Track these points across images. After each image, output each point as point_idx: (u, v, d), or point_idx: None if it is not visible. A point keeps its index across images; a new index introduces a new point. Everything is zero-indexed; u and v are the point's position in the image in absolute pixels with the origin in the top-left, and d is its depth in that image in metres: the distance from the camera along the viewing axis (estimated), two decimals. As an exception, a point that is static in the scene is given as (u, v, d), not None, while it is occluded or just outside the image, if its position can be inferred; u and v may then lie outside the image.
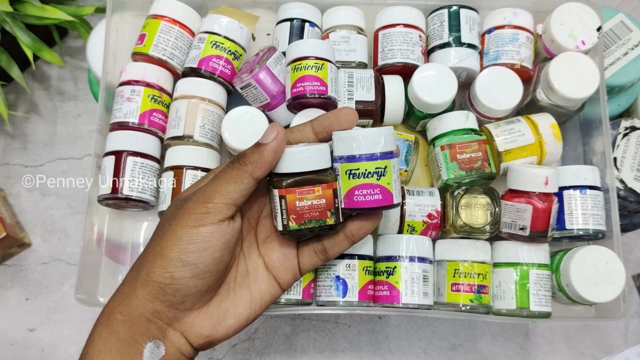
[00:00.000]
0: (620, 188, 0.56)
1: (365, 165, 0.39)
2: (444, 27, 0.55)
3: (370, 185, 0.40)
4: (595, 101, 0.55)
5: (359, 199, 0.40)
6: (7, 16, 0.61)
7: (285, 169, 0.38)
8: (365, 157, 0.39)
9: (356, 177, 0.40)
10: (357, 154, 0.39)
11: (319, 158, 0.39)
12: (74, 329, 0.65)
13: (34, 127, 0.72)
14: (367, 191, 0.40)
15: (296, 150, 0.38)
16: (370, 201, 0.40)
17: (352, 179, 0.40)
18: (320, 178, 0.39)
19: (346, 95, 0.51)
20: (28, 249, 0.68)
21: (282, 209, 0.39)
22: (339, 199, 0.40)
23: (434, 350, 0.64)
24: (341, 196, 0.40)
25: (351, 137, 0.39)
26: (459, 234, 0.50)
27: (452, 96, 0.51)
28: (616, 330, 0.64)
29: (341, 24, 0.55)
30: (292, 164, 0.38)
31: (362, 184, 0.40)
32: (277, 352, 0.64)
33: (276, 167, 0.39)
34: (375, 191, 0.40)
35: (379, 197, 0.40)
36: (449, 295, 0.49)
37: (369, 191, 0.40)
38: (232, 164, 0.39)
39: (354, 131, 0.40)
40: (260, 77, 0.50)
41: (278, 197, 0.39)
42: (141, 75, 0.53)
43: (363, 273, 0.49)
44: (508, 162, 0.52)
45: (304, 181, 0.39)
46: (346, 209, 0.40)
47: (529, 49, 0.55)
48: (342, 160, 0.40)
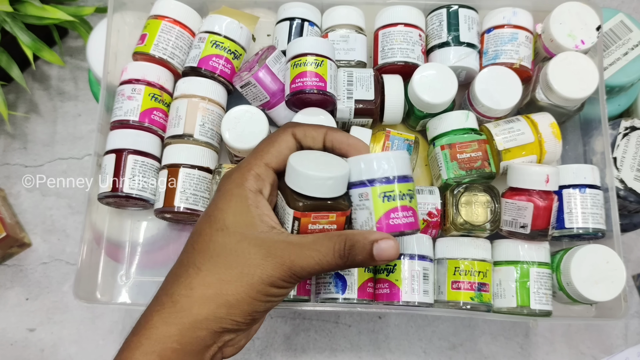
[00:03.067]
0: (620, 188, 0.56)
1: (399, 187, 0.38)
2: (442, 27, 0.55)
3: (405, 208, 0.39)
4: (595, 101, 0.55)
5: (395, 222, 0.38)
6: (7, 16, 0.62)
7: (306, 191, 0.37)
8: (398, 179, 0.38)
9: (391, 200, 0.38)
10: (391, 175, 0.38)
11: (341, 186, 0.38)
12: (74, 329, 0.65)
13: (34, 127, 0.72)
14: (403, 214, 0.39)
15: (320, 176, 0.37)
16: (405, 224, 0.39)
17: (387, 201, 0.38)
18: (337, 205, 0.38)
19: (345, 94, 0.51)
20: (28, 249, 0.68)
21: (293, 227, 0.38)
22: (348, 225, 0.39)
23: (434, 350, 0.63)
24: (372, 221, 0.39)
25: (386, 158, 0.38)
26: (459, 232, 0.50)
27: (452, 96, 0.51)
28: (616, 330, 0.64)
29: (340, 23, 0.55)
30: (315, 189, 0.37)
31: (398, 207, 0.38)
32: (277, 352, 0.64)
33: (295, 184, 0.37)
34: (409, 213, 0.39)
35: (412, 219, 0.39)
36: (450, 293, 0.49)
37: (403, 214, 0.39)
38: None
39: (385, 153, 0.39)
40: (259, 76, 0.50)
41: (292, 217, 0.38)
42: (142, 74, 0.53)
43: (362, 270, 0.49)
44: (508, 161, 0.52)
45: (320, 206, 0.38)
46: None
47: (528, 49, 0.55)
48: (375, 183, 0.38)
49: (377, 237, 0.36)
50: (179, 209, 0.50)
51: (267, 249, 0.35)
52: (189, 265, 0.36)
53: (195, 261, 0.36)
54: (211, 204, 0.38)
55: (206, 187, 0.52)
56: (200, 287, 0.35)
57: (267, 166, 0.38)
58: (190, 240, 0.38)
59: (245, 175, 0.38)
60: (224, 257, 0.36)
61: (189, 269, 0.36)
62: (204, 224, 0.37)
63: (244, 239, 0.36)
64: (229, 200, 0.37)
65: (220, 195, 0.38)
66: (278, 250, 0.35)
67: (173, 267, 0.38)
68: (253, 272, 0.35)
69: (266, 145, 0.39)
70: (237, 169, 0.39)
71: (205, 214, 0.38)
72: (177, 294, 0.35)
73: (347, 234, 0.36)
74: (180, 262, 0.37)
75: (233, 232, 0.36)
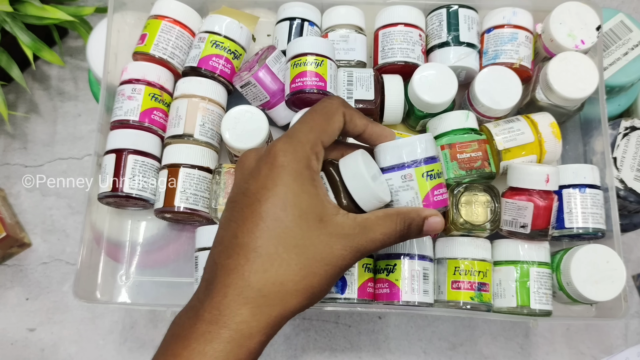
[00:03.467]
0: (620, 188, 0.56)
1: (436, 166, 0.40)
2: (442, 27, 0.55)
3: (441, 185, 0.41)
4: (595, 101, 0.55)
5: (438, 198, 0.40)
6: (7, 16, 0.62)
7: (362, 204, 0.38)
8: (433, 159, 0.40)
9: (433, 178, 0.40)
10: (429, 155, 0.40)
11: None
12: (74, 329, 0.65)
13: (34, 127, 0.72)
14: (440, 190, 0.41)
15: (381, 201, 0.38)
16: (444, 200, 0.41)
17: (430, 179, 0.40)
18: None
19: (345, 94, 0.51)
20: (28, 249, 0.68)
21: None
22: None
23: (434, 350, 0.63)
24: (418, 199, 0.40)
25: (423, 140, 0.40)
26: (460, 232, 0.50)
27: (452, 96, 0.51)
28: (616, 330, 0.64)
29: (340, 23, 0.55)
30: (368, 207, 0.38)
31: (438, 184, 0.40)
32: (277, 352, 0.64)
33: (358, 195, 0.38)
34: (445, 190, 0.41)
35: (446, 196, 0.41)
36: (450, 293, 0.49)
37: (440, 191, 0.41)
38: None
39: (419, 136, 0.40)
40: (259, 75, 0.50)
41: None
42: (142, 74, 0.53)
43: (362, 270, 0.49)
44: (508, 161, 0.52)
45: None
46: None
47: (528, 49, 0.55)
48: (418, 164, 0.40)
49: (428, 213, 0.38)
50: (179, 209, 0.50)
51: (344, 237, 0.35)
52: (265, 254, 0.33)
53: (277, 251, 0.33)
54: (276, 182, 0.34)
55: (206, 187, 0.52)
56: (290, 282, 0.33)
57: (322, 145, 0.37)
58: (257, 224, 0.34)
59: (309, 155, 0.35)
60: (307, 249, 0.34)
61: (270, 258, 0.33)
62: (274, 207, 0.34)
63: (323, 227, 0.35)
64: (302, 184, 0.35)
65: (287, 175, 0.34)
66: (355, 238, 0.35)
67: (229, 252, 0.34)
68: (335, 262, 0.35)
69: (322, 122, 0.37)
70: (296, 143, 0.35)
71: (273, 194, 0.34)
72: (266, 289, 0.33)
73: (403, 213, 0.37)
74: (248, 247, 0.33)
75: (312, 220, 0.34)
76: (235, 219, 0.34)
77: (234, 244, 0.34)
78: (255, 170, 0.35)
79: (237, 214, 0.35)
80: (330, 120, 0.37)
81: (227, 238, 0.34)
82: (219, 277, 0.33)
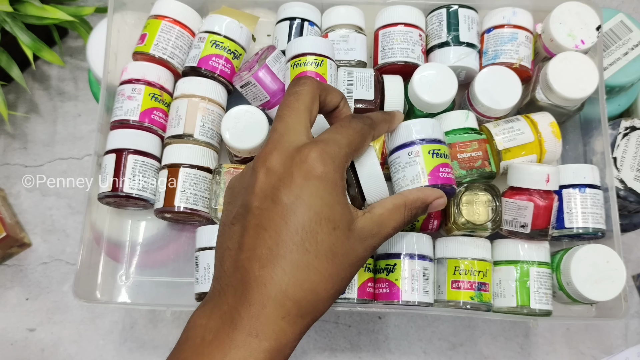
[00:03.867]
0: (620, 188, 0.56)
1: (444, 148, 0.44)
2: (442, 27, 0.55)
3: (447, 165, 0.43)
4: (595, 101, 0.55)
5: (444, 175, 0.43)
6: (7, 16, 0.62)
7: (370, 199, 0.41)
8: (440, 141, 0.44)
9: (440, 157, 0.43)
10: (436, 136, 0.44)
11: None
12: (74, 329, 0.65)
13: (34, 127, 0.72)
14: (447, 169, 0.43)
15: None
16: (450, 178, 0.43)
17: (436, 157, 0.43)
18: None
19: (345, 93, 0.51)
20: (28, 249, 0.68)
21: None
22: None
23: (434, 350, 0.63)
24: (424, 174, 0.43)
25: (431, 122, 0.44)
26: (461, 232, 0.50)
27: (452, 96, 0.51)
28: (616, 330, 0.64)
29: (340, 23, 0.55)
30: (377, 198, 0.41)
31: (444, 163, 0.43)
32: (277, 352, 0.64)
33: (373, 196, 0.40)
34: (450, 170, 0.44)
35: (453, 176, 0.44)
36: (450, 292, 0.49)
37: (447, 169, 0.43)
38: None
39: (428, 119, 0.44)
40: (259, 75, 0.50)
41: None
42: (142, 74, 0.53)
43: (362, 270, 0.49)
44: (508, 161, 0.52)
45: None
46: (430, 185, 0.42)
47: (528, 49, 0.55)
48: (425, 142, 0.43)
49: (433, 197, 0.41)
50: (179, 209, 0.50)
51: (367, 239, 0.36)
52: (302, 266, 0.34)
53: (313, 263, 0.34)
54: (313, 195, 0.34)
55: (206, 187, 0.52)
56: (323, 291, 0.34)
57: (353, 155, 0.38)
58: (292, 237, 0.34)
59: (345, 166, 0.36)
60: (338, 257, 0.35)
61: (307, 270, 0.34)
62: (310, 222, 0.34)
63: (351, 234, 0.35)
64: (336, 195, 0.35)
65: (324, 188, 0.34)
66: (374, 238, 0.37)
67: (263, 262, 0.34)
68: (358, 263, 0.37)
69: (356, 135, 0.37)
70: (334, 153, 0.35)
71: (309, 207, 0.34)
72: (303, 300, 0.34)
73: (410, 202, 0.39)
74: (285, 259, 0.33)
75: (343, 229, 0.35)
76: (265, 227, 0.34)
77: (267, 255, 0.33)
78: (287, 177, 0.34)
79: (268, 222, 0.34)
80: (366, 135, 0.38)
81: (260, 247, 0.34)
82: (255, 287, 0.33)
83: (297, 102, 0.37)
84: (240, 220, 0.35)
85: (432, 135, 0.43)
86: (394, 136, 0.44)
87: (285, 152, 0.35)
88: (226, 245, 0.35)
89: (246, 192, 0.36)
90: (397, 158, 0.44)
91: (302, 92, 0.37)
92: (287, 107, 0.37)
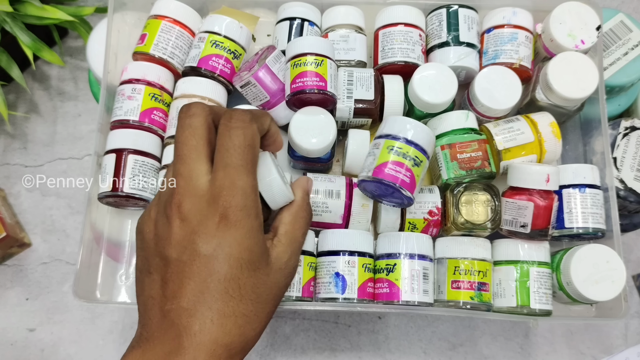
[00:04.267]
0: (620, 188, 0.56)
1: (413, 151, 0.45)
2: (442, 27, 0.55)
3: (403, 165, 0.44)
4: (596, 101, 0.55)
5: (389, 172, 0.44)
6: (7, 16, 0.62)
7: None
8: (408, 141, 0.45)
9: (399, 155, 0.45)
10: (415, 141, 0.45)
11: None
12: (74, 329, 0.65)
13: (34, 127, 0.72)
14: (398, 168, 0.44)
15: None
16: (401, 180, 0.44)
17: (395, 155, 0.45)
18: None
19: (345, 93, 0.51)
20: (28, 249, 0.68)
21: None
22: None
23: (434, 350, 0.63)
24: (373, 165, 0.45)
25: (410, 123, 0.46)
26: (460, 232, 0.50)
27: (452, 96, 0.51)
28: (616, 330, 0.64)
29: (340, 23, 0.55)
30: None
31: (399, 162, 0.44)
32: (277, 352, 0.64)
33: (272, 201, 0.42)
34: (408, 173, 0.44)
35: (408, 180, 0.45)
36: (449, 292, 0.49)
37: (398, 168, 0.44)
38: None
39: (411, 120, 0.46)
40: (259, 75, 0.50)
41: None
42: (142, 74, 0.53)
43: (362, 270, 0.49)
44: (508, 161, 0.52)
45: None
46: (373, 176, 0.45)
47: (528, 48, 0.55)
48: (390, 138, 0.45)
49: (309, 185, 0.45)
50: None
51: (285, 267, 0.39)
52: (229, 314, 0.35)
53: (239, 309, 0.35)
54: (230, 242, 0.35)
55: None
56: (252, 331, 0.36)
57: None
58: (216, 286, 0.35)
59: (257, 202, 0.37)
60: (262, 296, 0.36)
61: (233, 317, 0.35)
62: (231, 269, 0.35)
63: (270, 269, 0.37)
64: (253, 236, 0.36)
65: (241, 233, 0.36)
66: (290, 260, 0.40)
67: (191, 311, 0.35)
68: (283, 292, 0.39)
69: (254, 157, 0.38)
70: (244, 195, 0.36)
71: (228, 254, 0.35)
72: (232, 345, 0.35)
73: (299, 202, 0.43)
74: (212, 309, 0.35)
75: (263, 268, 0.37)
76: (188, 278, 0.35)
77: (193, 305, 0.34)
78: (202, 227, 0.35)
79: (190, 273, 0.35)
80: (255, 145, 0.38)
81: (185, 298, 0.35)
82: (185, 337, 0.34)
83: (194, 137, 0.37)
84: (159, 271, 0.36)
85: (405, 134, 0.45)
86: (388, 125, 0.46)
87: (194, 198, 0.36)
88: (148, 293, 0.36)
89: (162, 243, 0.36)
90: (374, 145, 0.47)
91: (196, 125, 0.37)
92: (185, 146, 0.37)
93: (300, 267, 0.48)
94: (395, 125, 0.46)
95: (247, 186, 0.36)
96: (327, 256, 0.49)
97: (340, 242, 0.49)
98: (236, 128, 0.37)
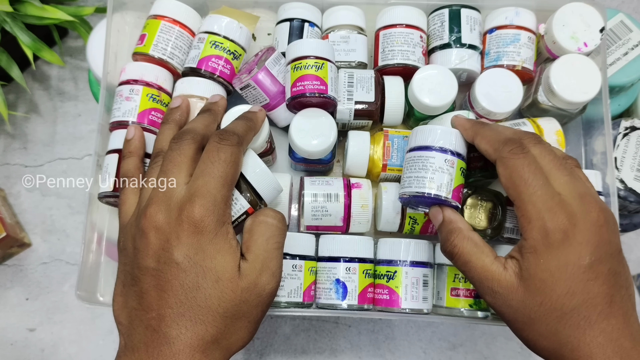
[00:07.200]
0: (620, 188, 0.56)
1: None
2: (444, 28, 0.55)
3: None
4: (596, 101, 0.54)
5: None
6: (7, 16, 0.61)
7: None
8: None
9: (298, 69, 0.47)
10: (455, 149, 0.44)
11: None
12: (74, 329, 0.65)
13: (34, 127, 0.72)
14: (309, 82, 0.46)
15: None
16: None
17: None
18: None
19: (346, 95, 0.51)
20: (28, 249, 0.68)
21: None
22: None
23: (434, 350, 0.64)
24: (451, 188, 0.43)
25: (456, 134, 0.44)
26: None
27: (452, 98, 0.51)
28: (616, 331, 0.64)
29: (341, 23, 0.55)
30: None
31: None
32: (277, 352, 0.64)
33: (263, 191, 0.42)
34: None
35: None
36: (449, 299, 0.49)
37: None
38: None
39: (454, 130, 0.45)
40: (259, 78, 0.50)
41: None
42: (140, 75, 0.53)
43: (363, 276, 0.49)
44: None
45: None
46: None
47: (530, 50, 0.54)
48: (461, 157, 0.44)
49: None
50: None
51: (253, 289, 0.38)
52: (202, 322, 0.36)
53: (209, 318, 0.36)
54: (197, 252, 0.36)
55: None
56: (224, 339, 0.37)
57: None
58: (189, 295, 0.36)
59: (225, 211, 0.38)
60: (236, 312, 0.37)
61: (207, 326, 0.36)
62: (203, 280, 0.36)
63: (240, 287, 0.37)
64: (226, 248, 0.37)
65: (209, 243, 0.36)
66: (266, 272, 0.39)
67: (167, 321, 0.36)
68: (269, 300, 0.39)
69: (231, 170, 0.38)
70: (213, 204, 0.37)
71: (196, 264, 0.36)
72: (209, 349, 0.36)
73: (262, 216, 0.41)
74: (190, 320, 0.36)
75: (226, 280, 0.37)
76: (164, 288, 0.36)
77: (171, 314, 0.36)
78: (174, 237, 0.36)
79: (166, 283, 0.36)
80: (238, 155, 0.39)
81: (163, 307, 0.36)
82: (165, 345, 0.35)
83: (180, 156, 0.39)
84: (138, 283, 0.37)
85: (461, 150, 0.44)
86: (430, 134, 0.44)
87: (168, 210, 0.37)
88: (130, 305, 0.37)
89: (141, 255, 0.37)
90: (431, 157, 0.43)
91: (184, 148, 0.39)
92: (170, 162, 0.39)
93: (301, 273, 0.48)
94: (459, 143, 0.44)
95: (220, 196, 0.37)
96: (327, 262, 0.49)
97: (340, 248, 0.49)
98: (224, 146, 0.39)
